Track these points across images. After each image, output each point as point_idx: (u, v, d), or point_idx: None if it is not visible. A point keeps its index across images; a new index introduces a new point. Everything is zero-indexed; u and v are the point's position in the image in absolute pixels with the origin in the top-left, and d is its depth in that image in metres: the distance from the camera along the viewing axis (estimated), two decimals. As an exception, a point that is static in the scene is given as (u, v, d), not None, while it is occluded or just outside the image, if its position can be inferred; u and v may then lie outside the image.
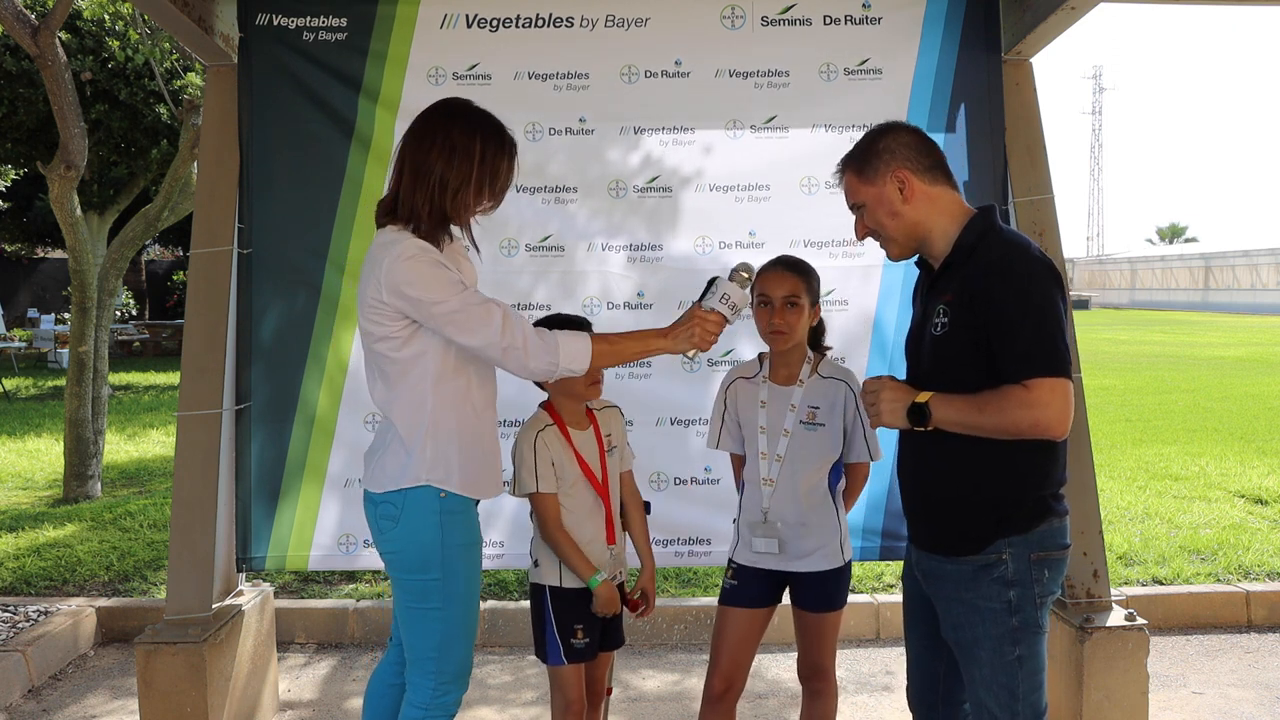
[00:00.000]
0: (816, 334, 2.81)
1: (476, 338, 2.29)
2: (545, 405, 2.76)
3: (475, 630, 2.49)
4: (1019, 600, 2.11)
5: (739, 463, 2.89)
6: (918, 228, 2.22)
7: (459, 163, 2.34)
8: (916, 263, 2.35)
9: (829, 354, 2.86)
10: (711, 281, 2.40)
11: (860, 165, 2.25)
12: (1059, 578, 2.18)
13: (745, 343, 3.64)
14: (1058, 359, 2.01)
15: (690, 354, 2.41)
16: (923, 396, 2.12)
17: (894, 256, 2.30)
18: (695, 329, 2.36)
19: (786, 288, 2.68)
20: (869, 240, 3.57)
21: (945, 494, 2.20)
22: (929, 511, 2.25)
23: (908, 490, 2.33)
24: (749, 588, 2.77)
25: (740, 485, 2.87)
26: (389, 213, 2.39)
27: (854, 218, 2.31)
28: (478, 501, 2.48)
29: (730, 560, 2.83)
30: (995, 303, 2.04)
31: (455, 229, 2.45)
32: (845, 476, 2.83)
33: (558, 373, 2.36)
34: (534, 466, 2.65)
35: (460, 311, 2.28)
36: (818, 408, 2.72)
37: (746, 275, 2.40)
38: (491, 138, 2.40)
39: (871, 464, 3.60)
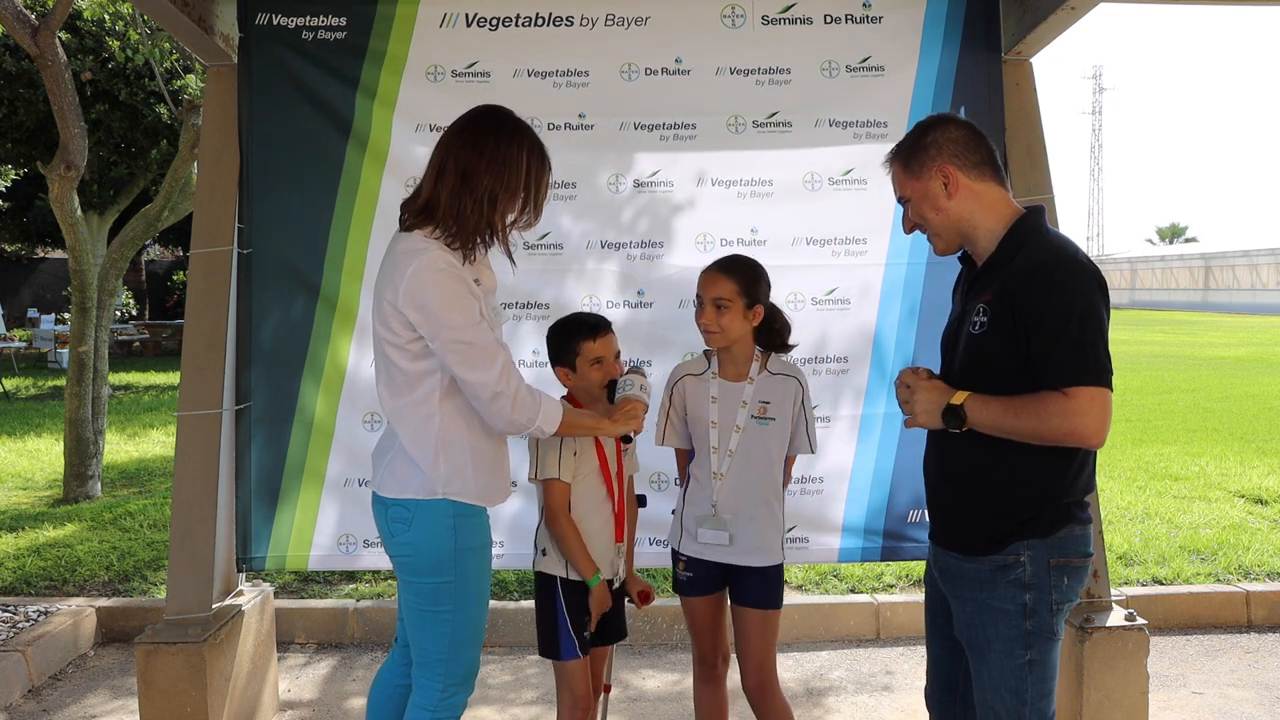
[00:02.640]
0: (769, 332, 2.81)
1: (475, 374, 2.28)
2: (567, 398, 2.77)
3: (484, 633, 2.49)
4: (1034, 604, 2.10)
5: (684, 457, 2.94)
6: (961, 223, 2.20)
7: (509, 176, 2.33)
8: (960, 258, 2.34)
9: (792, 350, 2.88)
10: (612, 384, 2.71)
11: (907, 158, 2.24)
12: (1078, 586, 2.15)
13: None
14: (1099, 368, 1.99)
15: (634, 434, 2.64)
16: (958, 397, 2.09)
17: (939, 251, 2.29)
18: (634, 413, 2.57)
19: (714, 290, 2.73)
20: (872, 239, 3.65)
21: (968, 492, 2.18)
22: (951, 508, 2.24)
23: (931, 485, 2.32)
24: (702, 577, 2.84)
25: (686, 479, 2.90)
26: (420, 214, 2.35)
27: (901, 211, 2.32)
28: None
29: (676, 552, 2.88)
30: (1037, 307, 2.01)
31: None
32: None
33: (530, 430, 2.38)
34: (558, 453, 2.67)
35: (470, 344, 2.27)
36: (768, 403, 2.77)
37: (639, 372, 2.70)
38: (535, 152, 2.39)
39: (874, 465, 3.61)
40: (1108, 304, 2.07)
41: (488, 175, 2.31)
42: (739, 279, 2.73)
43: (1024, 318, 2.03)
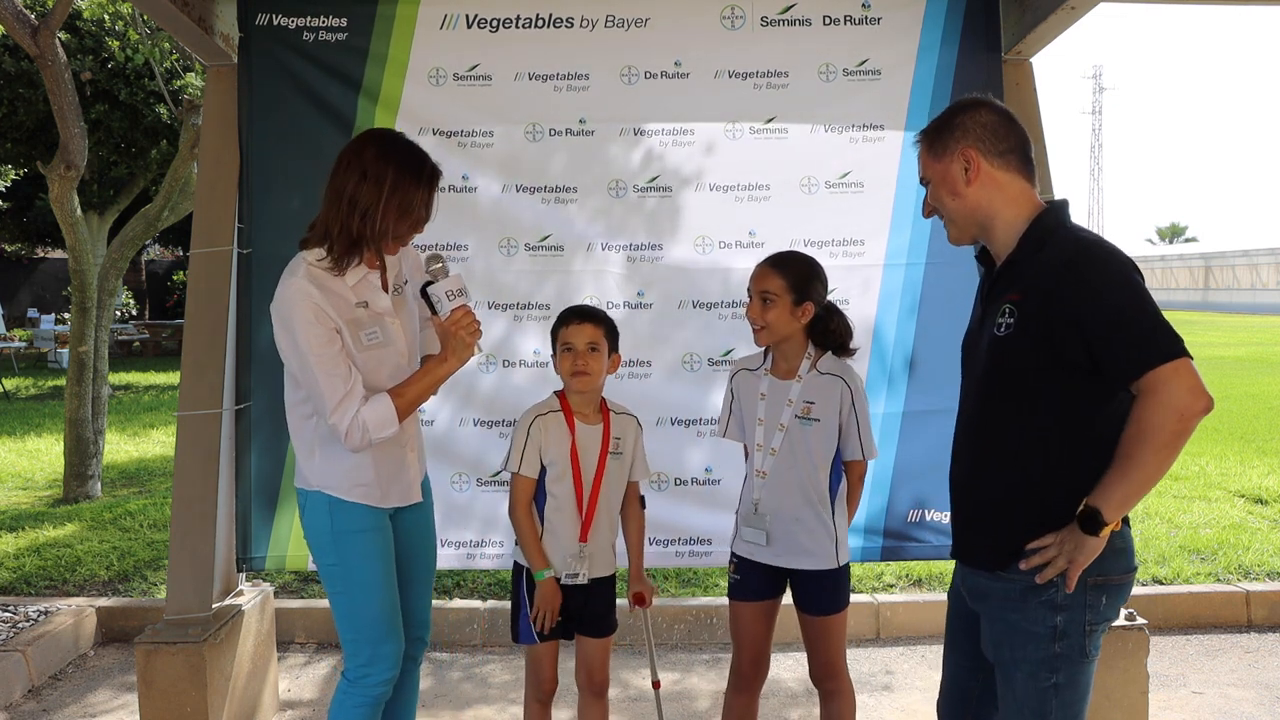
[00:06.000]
0: (823, 332, 2.77)
1: (313, 398, 2.42)
2: (559, 393, 2.82)
3: (390, 614, 2.55)
4: (1066, 626, 1.99)
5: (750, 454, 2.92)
6: (978, 212, 2.10)
7: (368, 186, 2.40)
8: (978, 258, 2.25)
9: (855, 354, 2.85)
10: (425, 295, 2.47)
11: (932, 139, 2.15)
12: (1118, 604, 2.03)
13: (744, 342, 3.64)
14: (1166, 341, 1.86)
15: (477, 351, 2.50)
16: (1083, 512, 1.93)
17: (953, 239, 2.20)
18: (458, 335, 2.45)
19: (762, 283, 2.73)
20: (870, 240, 3.66)
21: (1003, 508, 2.06)
22: (984, 527, 2.11)
23: (958, 500, 2.21)
24: (751, 581, 2.81)
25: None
26: (310, 232, 2.50)
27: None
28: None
29: (732, 552, 2.87)
30: (1079, 305, 1.91)
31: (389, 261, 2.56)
32: (844, 476, 2.82)
33: (374, 441, 2.43)
34: (522, 448, 2.74)
35: (307, 371, 2.39)
36: (813, 403, 2.73)
37: (436, 265, 2.47)
38: (406, 167, 2.44)
39: (873, 466, 3.59)
40: (1144, 283, 1.96)
41: (348, 185, 2.42)
42: (788, 274, 2.71)
43: (1064, 318, 1.93)
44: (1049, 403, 1.99)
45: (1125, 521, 2.03)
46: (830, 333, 2.78)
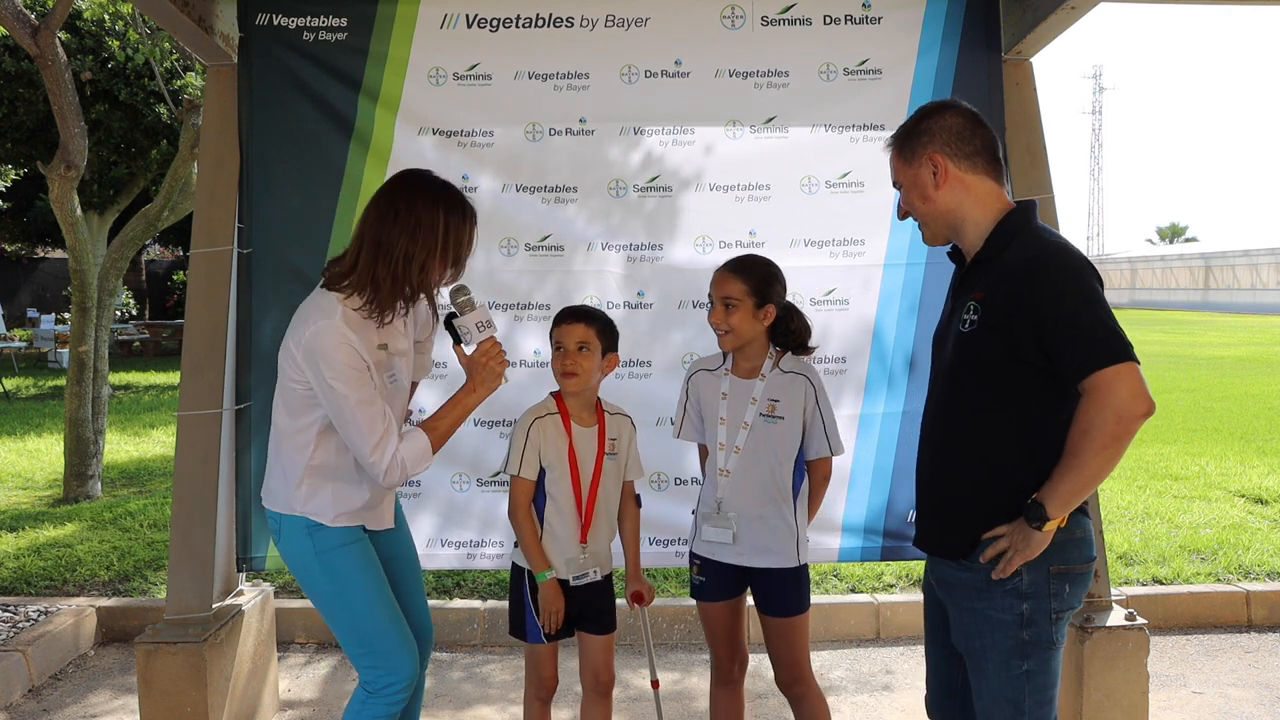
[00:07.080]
0: (784, 332, 2.79)
1: (350, 441, 2.39)
2: (555, 394, 2.83)
3: (396, 619, 2.52)
4: (1032, 613, 2.05)
5: (705, 453, 2.93)
6: (949, 215, 2.17)
7: (424, 237, 2.37)
8: (950, 255, 2.30)
9: (813, 353, 2.87)
10: (450, 327, 2.51)
11: (901, 144, 2.22)
12: (1080, 592, 2.10)
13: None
14: (1114, 345, 1.93)
15: (505, 381, 2.55)
16: (1029, 502, 2.01)
17: (927, 241, 2.27)
18: (487, 365, 2.49)
19: (723, 289, 2.75)
20: (870, 240, 3.66)
21: (961, 497, 2.14)
22: (944, 515, 2.19)
23: (922, 492, 2.28)
24: (715, 581, 2.83)
25: (703, 475, 2.91)
26: (339, 276, 2.42)
27: (890, 203, 2.33)
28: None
29: (691, 552, 2.88)
30: (1036, 304, 1.98)
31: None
32: (807, 475, 2.83)
33: (411, 477, 2.46)
34: (521, 450, 2.75)
35: (346, 413, 2.35)
36: (777, 401, 2.75)
37: (464, 297, 2.51)
38: (454, 210, 2.42)
39: (874, 463, 3.58)
40: (1102, 289, 2.04)
41: (401, 238, 2.36)
42: (748, 279, 2.73)
43: (1022, 317, 2.00)
44: (1009, 398, 2.07)
45: (1084, 513, 2.11)
46: (791, 333, 2.80)
